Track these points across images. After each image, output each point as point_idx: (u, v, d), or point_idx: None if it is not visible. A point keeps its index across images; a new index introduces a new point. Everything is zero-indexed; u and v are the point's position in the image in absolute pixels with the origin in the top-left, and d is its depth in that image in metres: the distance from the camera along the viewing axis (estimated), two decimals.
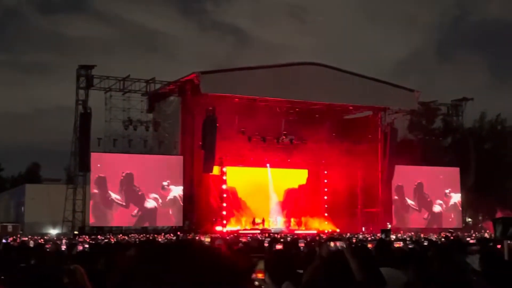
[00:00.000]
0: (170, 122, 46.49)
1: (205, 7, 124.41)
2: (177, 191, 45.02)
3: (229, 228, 46.46)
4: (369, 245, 11.98)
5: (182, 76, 45.22)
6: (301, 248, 14.93)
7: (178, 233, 38.28)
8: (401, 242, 12.04)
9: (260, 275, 3.96)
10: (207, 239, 13.53)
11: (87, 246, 15.05)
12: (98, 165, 43.64)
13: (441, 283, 6.14)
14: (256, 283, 3.91)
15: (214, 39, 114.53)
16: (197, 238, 26.88)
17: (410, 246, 13.76)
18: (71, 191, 44.40)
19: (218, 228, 45.57)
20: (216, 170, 46.87)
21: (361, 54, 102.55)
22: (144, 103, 46.34)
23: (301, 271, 6.35)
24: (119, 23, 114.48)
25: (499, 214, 46.77)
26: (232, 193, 49.70)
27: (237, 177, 50.02)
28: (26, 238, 28.10)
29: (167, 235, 37.51)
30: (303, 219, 50.78)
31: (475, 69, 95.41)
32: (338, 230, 47.81)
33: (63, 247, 17.07)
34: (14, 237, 32.29)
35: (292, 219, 50.56)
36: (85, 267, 6.25)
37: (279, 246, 12.11)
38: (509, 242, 11.06)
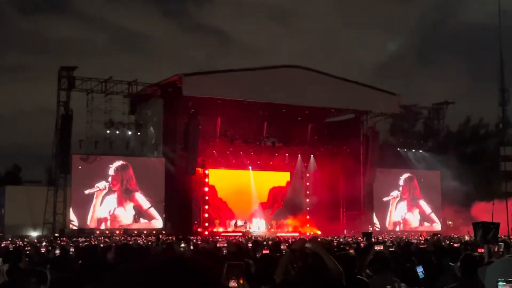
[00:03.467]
0: (152, 124, 46.31)
1: (187, 8, 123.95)
2: (159, 193, 44.86)
3: (210, 230, 46.46)
4: (351, 250, 12.01)
5: (165, 78, 45.11)
6: (283, 251, 14.90)
7: (160, 235, 38.10)
8: (381, 246, 12.05)
9: (240, 282, 3.94)
10: (182, 245, 13.45)
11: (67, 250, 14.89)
12: (79, 167, 43.43)
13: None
14: None
15: (196, 41, 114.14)
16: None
17: (391, 250, 13.79)
18: (52, 193, 44.10)
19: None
20: (198, 172, 46.84)
21: (343, 57, 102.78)
22: (126, 105, 46.12)
23: None
24: (100, 24, 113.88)
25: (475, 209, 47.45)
26: (214, 195, 49.69)
27: (219, 179, 50.04)
28: (8, 242, 27.83)
29: (148, 238, 37.36)
30: (285, 221, 50.87)
31: (456, 72, 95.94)
32: (319, 233, 47.92)
33: (43, 250, 16.94)
34: None
35: (274, 222, 50.64)
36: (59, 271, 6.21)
37: (265, 251, 12.08)
38: (490, 246, 11.15)
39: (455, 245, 14.97)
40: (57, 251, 14.33)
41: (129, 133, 45.78)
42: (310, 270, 4.29)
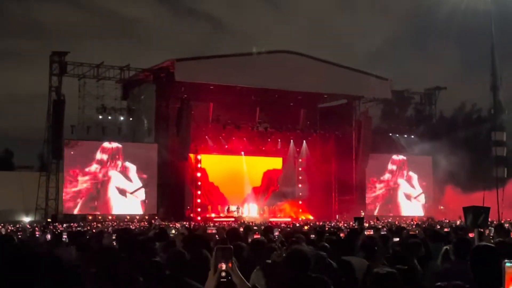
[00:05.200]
0: (145, 110, 46.28)
1: None
2: (151, 178, 44.92)
3: (203, 216, 46.53)
4: (342, 235, 12.07)
5: (157, 63, 45.01)
6: (276, 236, 14.96)
7: (152, 221, 38.20)
8: (372, 230, 12.11)
9: (228, 265, 3.96)
10: (172, 231, 13.47)
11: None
12: (72, 153, 43.42)
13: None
14: (223, 273, 3.91)
15: (188, 26, 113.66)
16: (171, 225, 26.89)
17: (382, 233, 13.86)
18: (44, 179, 44.08)
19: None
20: (190, 157, 46.87)
21: (336, 43, 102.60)
22: (118, 90, 46.04)
23: (269, 261, 6.40)
24: (92, 9, 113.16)
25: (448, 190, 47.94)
26: (207, 180, 49.71)
27: (212, 165, 50.05)
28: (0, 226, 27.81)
29: (141, 223, 37.43)
30: (281, 206, 50.97)
31: (448, 58, 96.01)
32: (312, 218, 48.08)
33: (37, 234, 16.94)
34: None
35: (266, 207, 50.74)
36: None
37: (256, 236, 12.13)
38: (480, 230, 11.23)
39: (445, 229, 15.07)
40: (48, 236, 14.28)
41: (121, 118, 45.73)
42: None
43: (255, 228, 17.17)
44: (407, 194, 53.46)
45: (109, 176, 44.31)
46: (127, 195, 44.73)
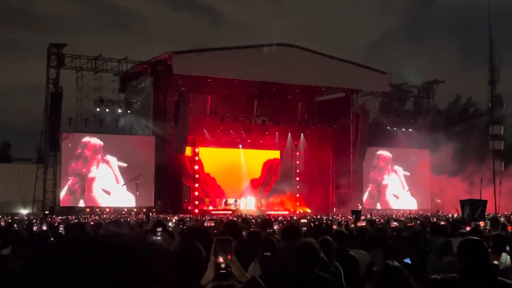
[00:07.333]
0: (142, 102, 46.22)
1: None
2: (149, 171, 44.86)
3: (201, 208, 46.53)
4: (334, 226, 12.10)
5: (155, 55, 44.93)
6: (276, 230, 14.96)
7: (150, 213, 38.17)
8: (364, 222, 12.16)
9: (228, 257, 3.97)
10: (170, 224, 13.50)
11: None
12: (69, 145, 43.38)
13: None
14: (223, 265, 3.92)
15: (186, 19, 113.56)
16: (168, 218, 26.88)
17: (379, 227, 13.89)
18: (41, 171, 44.03)
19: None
20: (188, 150, 46.85)
21: (334, 36, 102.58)
22: (116, 82, 45.93)
23: (268, 253, 6.41)
24: (90, 1, 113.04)
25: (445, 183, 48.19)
26: (204, 173, 49.69)
27: (209, 158, 50.02)
28: None
29: (138, 216, 37.42)
30: (273, 199, 50.95)
31: (446, 51, 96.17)
32: (309, 211, 48.11)
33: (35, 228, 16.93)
34: None
35: (264, 200, 50.74)
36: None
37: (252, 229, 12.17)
38: (476, 223, 11.27)
39: (442, 222, 15.11)
40: (44, 227, 14.32)
41: (119, 111, 45.66)
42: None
43: (252, 221, 17.20)
44: (403, 187, 53.43)
45: (105, 169, 44.25)
46: (121, 188, 44.71)
